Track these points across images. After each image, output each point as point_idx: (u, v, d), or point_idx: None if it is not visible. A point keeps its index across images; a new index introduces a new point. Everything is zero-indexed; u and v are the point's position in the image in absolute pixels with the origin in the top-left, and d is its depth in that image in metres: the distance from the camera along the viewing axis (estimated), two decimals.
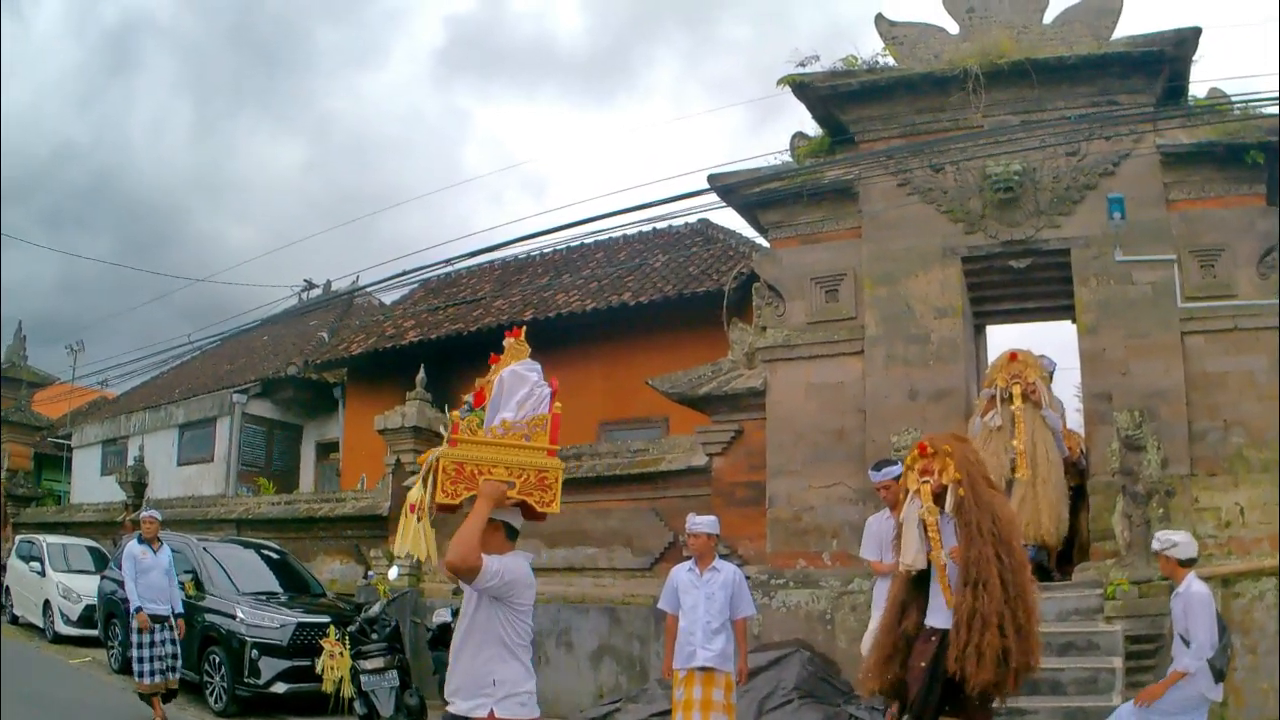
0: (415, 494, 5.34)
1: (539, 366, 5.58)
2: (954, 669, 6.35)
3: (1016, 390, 10.42)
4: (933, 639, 6.67)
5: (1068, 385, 12.43)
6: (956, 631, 6.39)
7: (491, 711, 4.91)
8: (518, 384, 5.47)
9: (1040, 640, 6.61)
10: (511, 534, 5.29)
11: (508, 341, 5.68)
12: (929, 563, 6.79)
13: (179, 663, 11.62)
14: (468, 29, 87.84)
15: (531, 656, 5.12)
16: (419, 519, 5.33)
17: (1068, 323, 11.77)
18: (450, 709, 5.04)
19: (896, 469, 7.77)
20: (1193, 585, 7.59)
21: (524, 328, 5.82)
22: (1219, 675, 7.47)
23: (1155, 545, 8.03)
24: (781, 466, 11.90)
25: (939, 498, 6.77)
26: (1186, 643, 7.42)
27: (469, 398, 5.62)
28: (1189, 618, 7.48)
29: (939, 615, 6.67)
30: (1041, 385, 10.48)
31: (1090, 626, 9.33)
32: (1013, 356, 10.77)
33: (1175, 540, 7.77)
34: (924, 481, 6.85)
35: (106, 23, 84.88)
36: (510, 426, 5.30)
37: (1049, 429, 10.48)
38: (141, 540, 11.75)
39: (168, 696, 11.65)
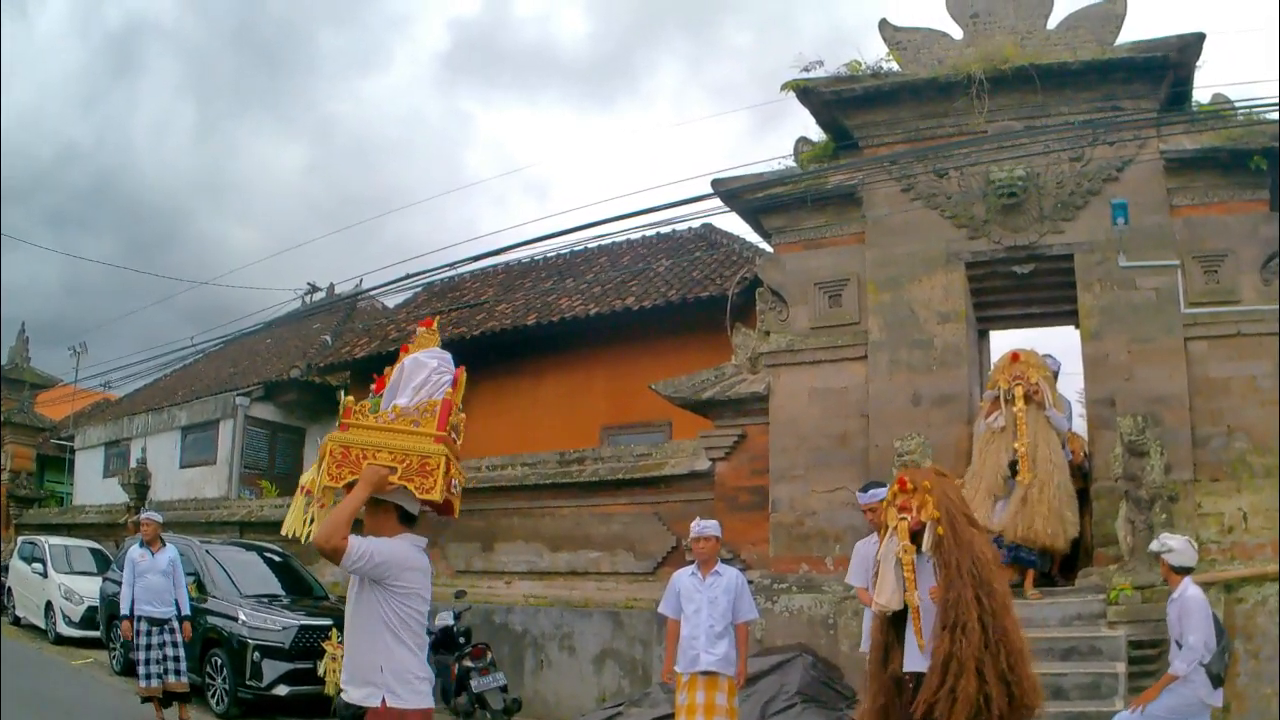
0: (307, 476, 5.34)
1: (448, 356, 5.57)
2: (920, 713, 6.15)
3: (1019, 391, 10.33)
4: (909, 685, 6.47)
5: (1070, 391, 12.40)
6: (930, 675, 6.19)
7: (384, 700, 4.83)
8: (416, 371, 5.47)
9: (1036, 681, 6.36)
10: (405, 518, 5.14)
11: (419, 330, 5.73)
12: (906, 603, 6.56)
13: (182, 665, 11.54)
14: (471, 33, 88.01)
15: (422, 642, 5.01)
16: (308, 502, 5.28)
17: (1071, 328, 11.77)
18: (344, 697, 4.96)
19: (884, 491, 7.36)
20: (1188, 590, 7.61)
21: (436, 318, 5.95)
22: (1217, 680, 7.48)
23: (1153, 547, 8.04)
24: (784, 471, 11.91)
25: (916, 536, 6.55)
26: (1181, 648, 7.46)
27: (374, 386, 5.61)
28: (1183, 622, 7.50)
29: (914, 659, 6.47)
30: (1045, 385, 10.43)
31: (1093, 631, 9.33)
32: (1015, 357, 10.69)
33: (1171, 546, 7.78)
34: (901, 518, 6.63)
35: (110, 25, 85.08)
36: (401, 412, 5.27)
37: (1053, 430, 10.43)
38: (142, 543, 11.74)
39: (181, 700, 11.58)
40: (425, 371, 5.44)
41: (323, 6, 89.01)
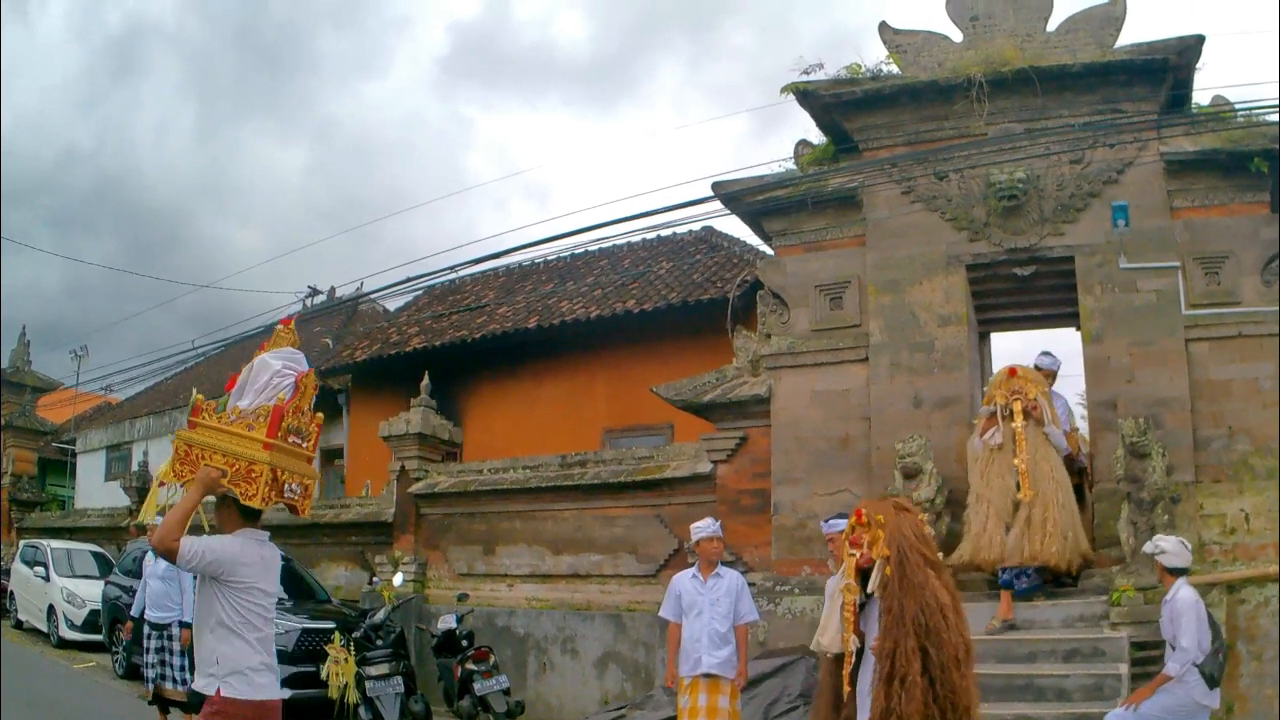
0: (163, 469, 5.53)
1: (299, 357, 5.61)
2: None
3: (1017, 407, 10.06)
4: None
5: (1071, 393, 12.39)
6: None
7: (218, 690, 5.02)
8: (261, 372, 5.49)
9: None
10: (247, 514, 5.34)
11: (277, 328, 5.77)
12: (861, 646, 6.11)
13: (179, 672, 11.42)
14: (471, 36, 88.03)
15: (261, 634, 5.21)
16: (168, 494, 5.56)
17: (1072, 330, 11.78)
18: (194, 685, 5.23)
19: (844, 523, 6.84)
20: (1180, 591, 7.62)
21: (293, 319, 5.95)
22: (1212, 681, 7.48)
23: (1146, 549, 8.05)
24: (786, 474, 11.91)
25: (868, 574, 6.08)
26: (1174, 649, 7.48)
27: (226, 385, 5.67)
28: (1175, 624, 7.51)
29: (865, 707, 6.05)
30: (1043, 401, 10.19)
31: (1095, 633, 9.33)
32: (1012, 372, 10.42)
33: (1164, 547, 7.79)
34: (851, 554, 6.14)
35: (111, 27, 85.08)
36: (240, 415, 5.36)
37: (1052, 447, 10.17)
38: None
39: (181, 708, 11.51)
40: (268, 374, 5.47)
41: (323, 9, 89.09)
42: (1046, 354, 11.02)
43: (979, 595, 10.19)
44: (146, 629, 11.41)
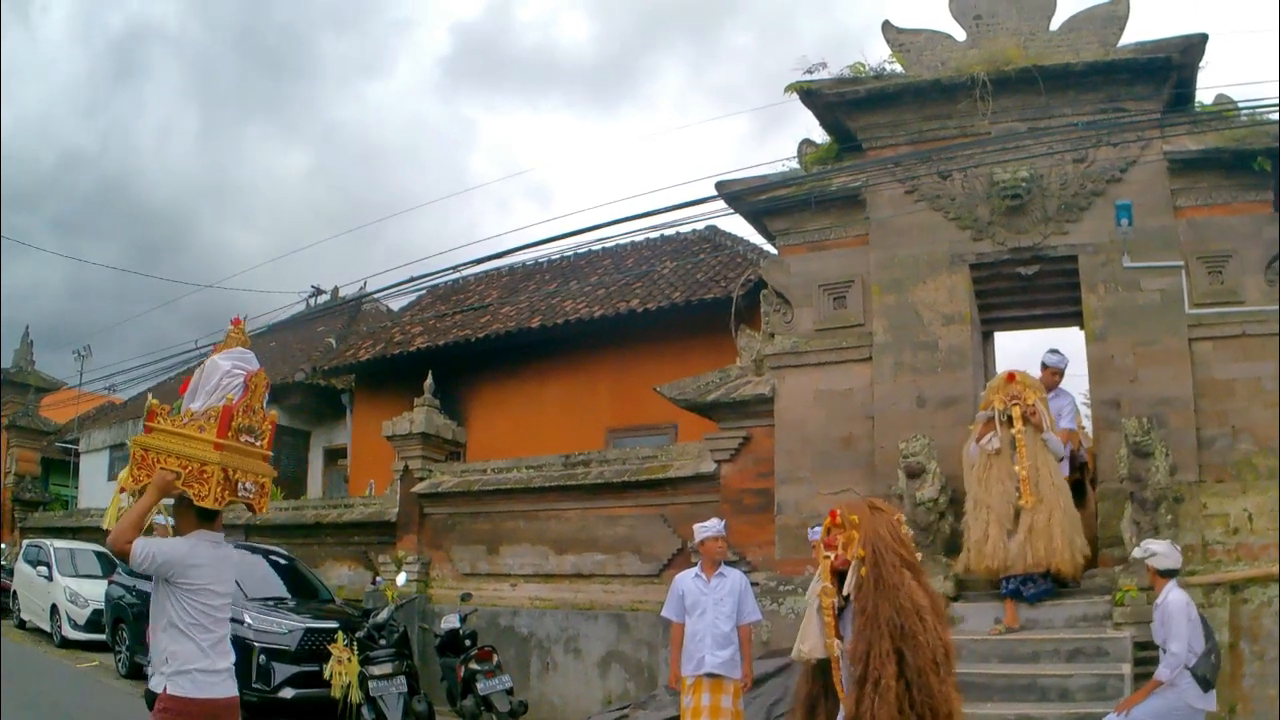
0: (123, 474, 5.65)
1: (248, 356, 5.72)
2: None
3: (1016, 412, 9.89)
4: None
5: (1075, 391, 12.36)
6: None
7: (165, 688, 5.16)
8: (211, 374, 5.60)
9: None
10: (204, 515, 5.44)
11: (229, 329, 5.87)
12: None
13: None
14: (474, 37, 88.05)
15: (212, 636, 5.34)
16: (130, 498, 5.64)
17: (1075, 329, 11.77)
18: (149, 685, 5.48)
19: None
20: (1170, 594, 7.63)
21: (244, 319, 6.05)
22: (1205, 684, 7.48)
23: (1136, 553, 8.05)
24: (790, 473, 11.91)
25: (844, 577, 5.89)
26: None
27: (180, 388, 5.80)
28: (1165, 627, 7.51)
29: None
30: (1041, 407, 10.03)
31: (1098, 633, 9.32)
32: (1010, 377, 10.23)
33: (1155, 550, 7.80)
34: (826, 556, 5.97)
35: (113, 31, 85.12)
36: (192, 417, 5.48)
37: (1051, 453, 9.99)
38: None
39: None
40: (218, 375, 5.58)
41: (325, 11, 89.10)
42: (1054, 352, 10.98)
43: (983, 595, 10.20)
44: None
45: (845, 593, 5.82)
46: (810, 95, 12.17)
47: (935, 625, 5.66)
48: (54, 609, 18.58)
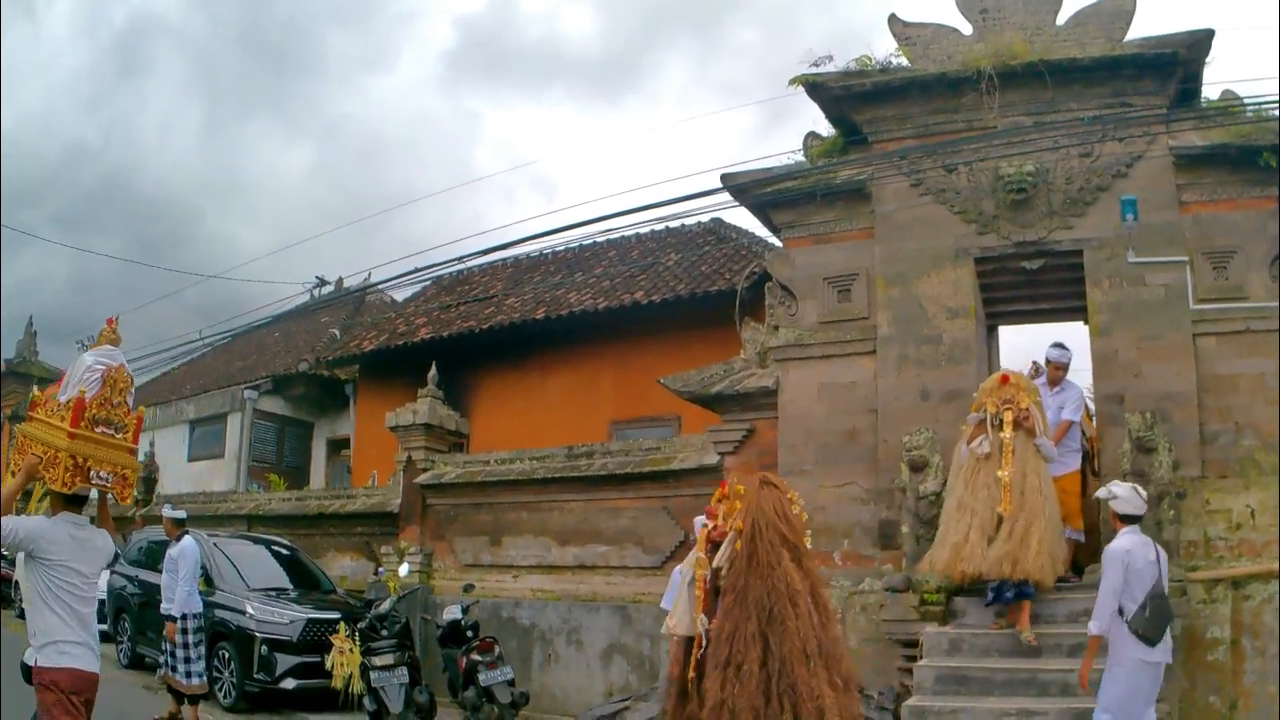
0: (10, 458, 6.17)
1: (112, 352, 6.22)
2: None
3: (1008, 416, 9.72)
4: None
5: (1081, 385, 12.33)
6: None
7: (36, 660, 5.59)
8: (78, 369, 6.09)
9: None
10: (68, 500, 5.98)
11: (103, 328, 6.42)
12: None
13: (173, 660, 11.44)
14: (477, 31, 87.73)
15: (75, 612, 5.76)
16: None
17: (1080, 324, 11.76)
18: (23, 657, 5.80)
19: None
20: (1115, 540, 7.54)
21: (116, 319, 6.50)
22: (1146, 639, 7.28)
23: (1099, 494, 7.95)
24: (793, 466, 11.90)
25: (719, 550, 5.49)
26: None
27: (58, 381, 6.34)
28: (1102, 573, 7.42)
29: None
30: (1035, 411, 9.82)
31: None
32: (1004, 379, 10.08)
33: (1117, 493, 7.65)
34: (705, 525, 5.72)
35: (117, 25, 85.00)
36: (58, 407, 5.96)
37: (1042, 459, 9.80)
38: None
39: (192, 699, 11.52)
40: (82, 369, 6.08)
41: (328, 6, 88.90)
42: (1057, 345, 10.85)
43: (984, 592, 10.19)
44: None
45: (716, 565, 5.50)
46: (816, 88, 12.16)
47: (810, 612, 5.34)
48: None
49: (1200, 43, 10.89)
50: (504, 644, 12.52)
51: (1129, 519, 7.60)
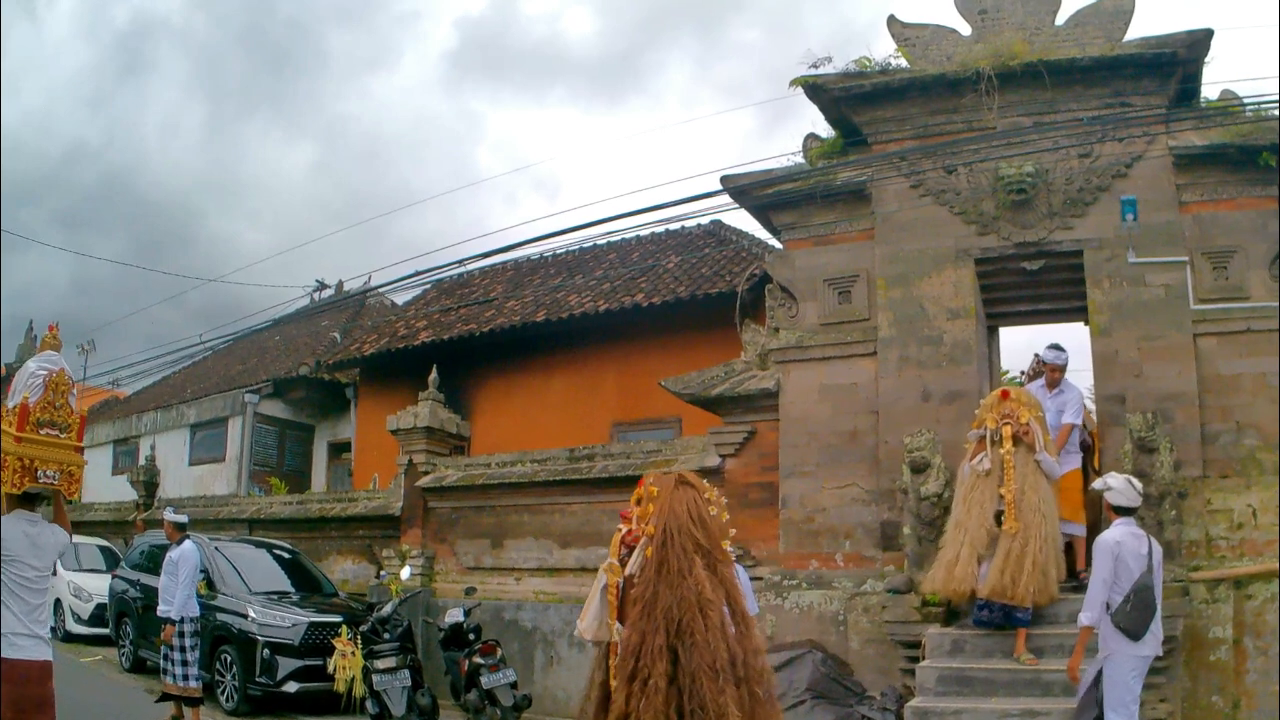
0: None
1: (54, 358, 6.48)
2: None
3: (1007, 432, 9.67)
4: None
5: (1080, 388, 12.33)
6: None
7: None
8: (23, 375, 6.37)
9: None
10: (22, 499, 6.22)
11: (45, 335, 6.77)
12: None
13: (168, 663, 11.38)
14: (479, 32, 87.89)
15: (28, 605, 5.98)
16: None
17: (1080, 324, 11.77)
18: None
19: None
20: (1105, 532, 7.53)
21: (58, 325, 6.86)
22: (1127, 633, 7.28)
23: (1095, 485, 7.94)
24: (794, 467, 11.92)
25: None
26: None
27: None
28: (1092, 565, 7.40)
29: None
30: (1035, 426, 9.74)
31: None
32: (1004, 395, 10.05)
33: (1111, 484, 7.64)
34: (618, 529, 5.25)
35: (118, 25, 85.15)
36: (7, 412, 6.20)
37: (1043, 474, 9.70)
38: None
39: (191, 703, 11.48)
40: (26, 375, 6.36)
41: (330, 6, 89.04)
42: (1054, 347, 10.84)
43: None
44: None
45: (629, 572, 5.12)
46: (816, 89, 12.17)
47: (725, 623, 4.91)
48: (57, 603, 18.56)
49: (1199, 42, 10.89)
50: (506, 646, 12.52)
51: (1123, 511, 7.59)
